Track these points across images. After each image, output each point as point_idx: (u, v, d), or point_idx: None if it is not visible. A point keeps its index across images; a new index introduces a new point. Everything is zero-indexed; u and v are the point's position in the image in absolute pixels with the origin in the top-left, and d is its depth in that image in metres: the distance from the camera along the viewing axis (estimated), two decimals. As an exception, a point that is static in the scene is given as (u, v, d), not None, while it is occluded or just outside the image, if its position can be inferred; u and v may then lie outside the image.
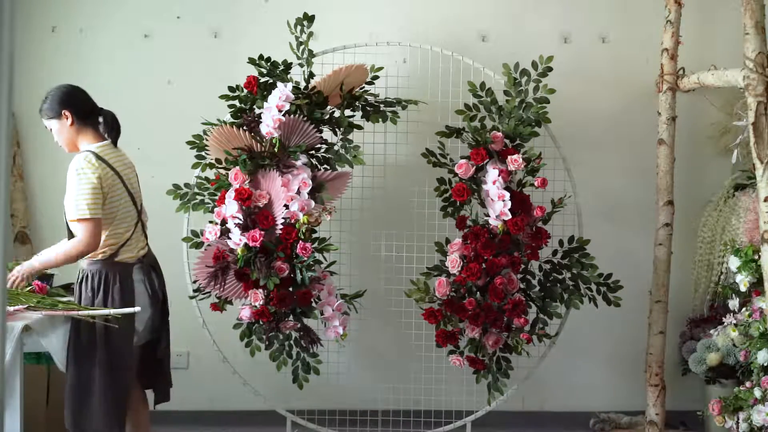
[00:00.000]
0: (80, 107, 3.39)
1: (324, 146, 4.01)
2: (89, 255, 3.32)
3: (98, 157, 3.31)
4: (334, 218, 4.11)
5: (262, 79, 4.01)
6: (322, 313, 3.93)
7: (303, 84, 4.04)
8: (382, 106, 4.13)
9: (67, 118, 3.35)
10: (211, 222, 3.84)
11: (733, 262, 4.21)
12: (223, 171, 3.86)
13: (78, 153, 3.36)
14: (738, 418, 3.84)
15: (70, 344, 3.26)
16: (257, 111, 3.96)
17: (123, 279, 3.33)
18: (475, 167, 3.98)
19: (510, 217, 3.87)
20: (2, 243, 1.28)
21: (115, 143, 3.46)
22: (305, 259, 3.77)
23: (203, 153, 4.00)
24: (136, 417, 3.56)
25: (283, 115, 3.79)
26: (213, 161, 3.93)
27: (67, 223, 3.38)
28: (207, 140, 3.92)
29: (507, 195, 3.87)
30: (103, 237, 3.32)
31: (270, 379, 4.30)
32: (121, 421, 3.34)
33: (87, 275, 3.34)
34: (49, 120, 3.39)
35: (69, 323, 3.25)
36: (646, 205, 4.58)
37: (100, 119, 3.44)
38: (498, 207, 3.89)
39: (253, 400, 4.40)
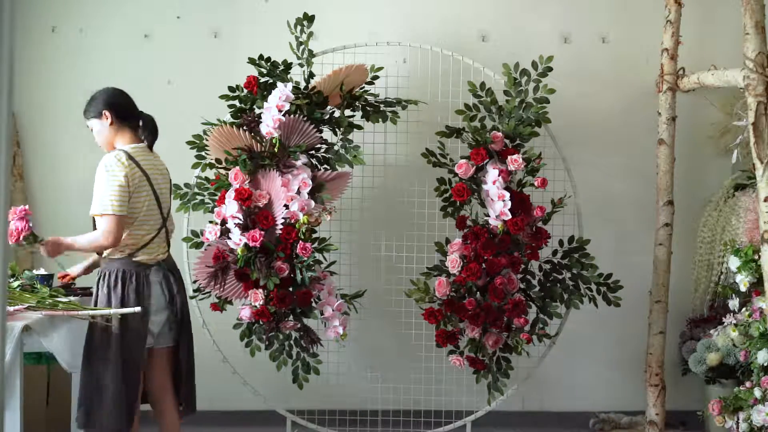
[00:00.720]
0: (120, 108, 3.46)
1: (324, 146, 4.01)
2: (108, 252, 3.36)
3: (129, 156, 3.37)
4: (334, 218, 4.11)
5: (262, 79, 4.00)
6: (322, 313, 3.93)
7: (303, 84, 4.04)
8: (382, 106, 4.13)
9: (106, 118, 3.43)
10: (211, 222, 3.83)
11: (733, 262, 4.21)
12: (223, 171, 3.86)
13: (110, 152, 3.42)
14: (738, 418, 3.84)
15: (85, 344, 3.30)
16: (257, 111, 3.96)
17: (139, 279, 3.37)
18: (475, 167, 3.98)
19: (510, 217, 3.87)
20: (2, 242, 1.27)
21: (151, 147, 3.51)
22: (305, 259, 3.77)
23: (203, 153, 4.00)
24: (167, 426, 3.54)
25: (283, 115, 3.79)
26: (213, 161, 3.93)
27: (93, 217, 3.43)
28: (207, 140, 3.92)
29: (507, 195, 3.87)
30: (123, 236, 3.34)
31: (270, 379, 4.30)
32: (131, 419, 3.36)
33: (104, 274, 3.38)
34: (91, 119, 3.47)
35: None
36: (646, 205, 4.58)
37: (140, 123, 3.51)
38: (498, 207, 3.89)
39: (253, 400, 4.40)
